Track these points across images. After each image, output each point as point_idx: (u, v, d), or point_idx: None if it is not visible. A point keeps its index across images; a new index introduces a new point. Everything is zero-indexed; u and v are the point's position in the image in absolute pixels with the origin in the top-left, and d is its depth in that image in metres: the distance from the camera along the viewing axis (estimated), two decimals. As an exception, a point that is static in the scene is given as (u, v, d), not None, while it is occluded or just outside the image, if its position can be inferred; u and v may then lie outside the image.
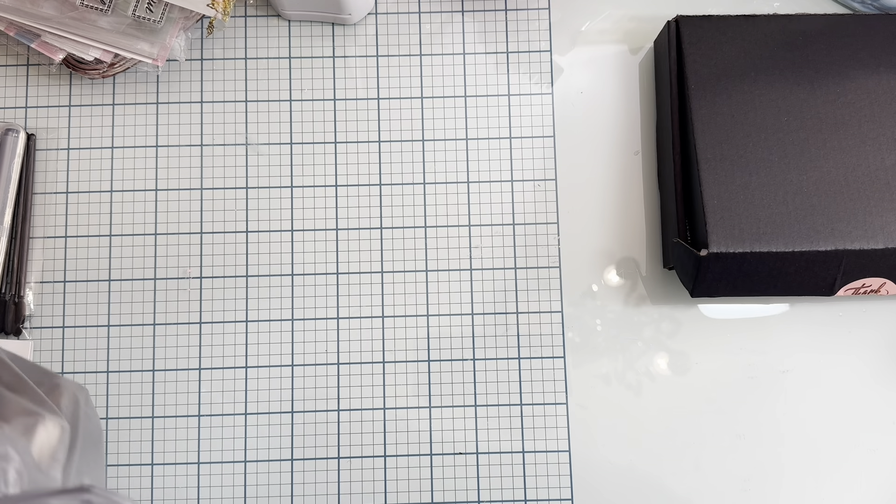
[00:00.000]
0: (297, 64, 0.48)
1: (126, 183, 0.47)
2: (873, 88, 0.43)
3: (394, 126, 0.47)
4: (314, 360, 0.45)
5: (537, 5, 0.49)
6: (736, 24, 0.44)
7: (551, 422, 0.45)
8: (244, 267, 0.46)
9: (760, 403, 0.45)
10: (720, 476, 0.44)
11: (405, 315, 0.46)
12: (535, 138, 0.47)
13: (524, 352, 0.46)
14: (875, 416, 0.45)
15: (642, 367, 0.45)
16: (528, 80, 0.48)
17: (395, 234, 0.46)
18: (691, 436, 0.45)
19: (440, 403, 0.45)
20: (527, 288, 0.46)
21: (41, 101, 0.47)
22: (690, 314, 0.46)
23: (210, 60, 0.48)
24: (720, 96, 0.43)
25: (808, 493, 0.44)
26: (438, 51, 0.48)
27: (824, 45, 0.44)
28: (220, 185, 0.47)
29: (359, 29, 0.48)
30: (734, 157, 0.42)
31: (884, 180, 0.41)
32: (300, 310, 0.46)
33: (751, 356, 0.45)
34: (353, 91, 0.48)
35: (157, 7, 0.44)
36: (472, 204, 0.47)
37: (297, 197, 0.47)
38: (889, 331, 0.46)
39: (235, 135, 0.47)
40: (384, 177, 0.47)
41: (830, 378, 0.45)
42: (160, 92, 0.47)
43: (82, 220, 0.46)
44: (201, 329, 0.45)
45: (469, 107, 0.48)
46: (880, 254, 0.40)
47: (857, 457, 0.44)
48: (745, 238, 0.40)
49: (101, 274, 0.46)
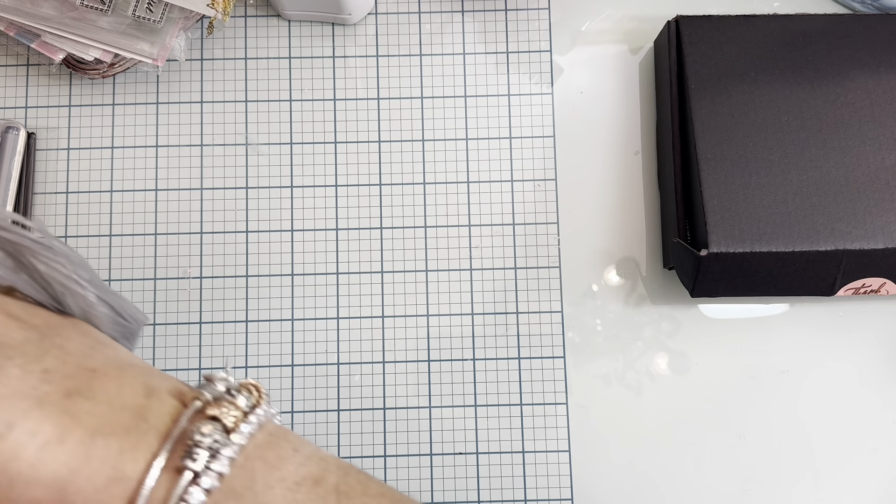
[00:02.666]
0: (297, 64, 0.48)
1: (126, 183, 0.47)
2: (873, 88, 0.43)
3: (394, 126, 0.47)
4: (314, 360, 0.45)
5: (537, 5, 0.49)
6: (736, 24, 0.44)
7: (551, 422, 0.45)
8: (244, 267, 0.46)
9: (760, 403, 0.45)
10: (720, 476, 0.44)
11: (405, 315, 0.46)
12: (535, 138, 0.47)
13: (524, 352, 0.46)
14: (875, 417, 0.45)
15: (642, 367, 0.45)
16: (528, 80, 0.48)
17: (395, 234, 0.46)
18: (691, 436, 0.45)
19: (440, 403, 0.45)
20: (527, 288, 0.46)
21: (41, 101, 0.47)
22: (690, 314, 0.46)
23: (210, 60, 0.48)
24: (720, 96, 0.43)
25: (808, 492, 0.44)
26: (438, 51, 0.48)
27: (824, 45, 0.44)
28: (220, 185, 0.47)
29: (359, 29, 0.48)
30: (734, 157, 0.42)
31: (884, 180, 0.41)
32: (300, 310, 0.46)
33: (751, 356, 0.45)
34: (353, 91, 0.48)
35: (157, 7, 0.44)
36: (472, 204, 0.47)
37: (297, 197, 0.47)
38: (889, 331, 0.46)
39: (235, 135, 0.47)
40: (384, 177, 0.47)
41: (830, 378, 0.45)
42: (160, 92, 0.48)
43: (82, 220, 0.46)
44: (201, 329, 0.45)
45: (469, 107, 0.48)
46: (880, 254, 0.40)
47: (857, 457, 0.44)
48: (745, 238, 0.40)
49: (101, 274, 0.46)
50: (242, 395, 0.25)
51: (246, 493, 0.23)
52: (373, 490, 0.25)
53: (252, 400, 0.25)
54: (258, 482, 0.23)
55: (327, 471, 0.25)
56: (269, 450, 0.24)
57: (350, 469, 0.25)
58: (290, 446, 0.25)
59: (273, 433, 0.25)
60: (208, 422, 0.23)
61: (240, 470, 0.23)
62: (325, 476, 0.24)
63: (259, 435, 0.24)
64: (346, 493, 0.24)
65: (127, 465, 0.22)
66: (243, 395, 0.25)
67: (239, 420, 0.24)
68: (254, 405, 0.25)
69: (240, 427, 0.24)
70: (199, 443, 0.23)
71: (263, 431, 0.25)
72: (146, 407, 0.23)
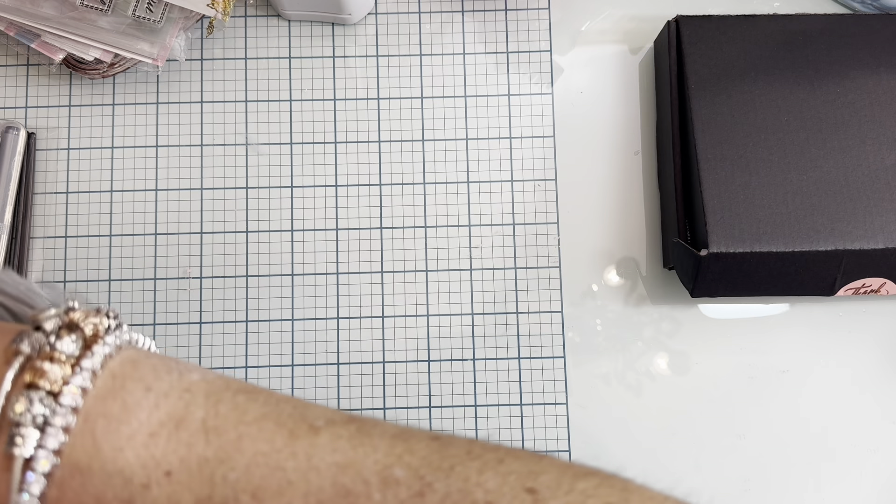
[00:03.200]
0: (297, 64, 0.48)
1: (126, 183, 0.47)
2: (873, 88, 0.43)
3: (394, 126, 0.47)
4: (314, 360, 0.45)
5: (537, 5, 0.49)
6: (736, 24, 0.44)
7: (551, 422, 0.45)
8: (244, 267, 0.46)
9: (760, 403, 0.45)
10: (720, 476, 0.44)
11: (405, 315, 0.46)
12: (535, 138, 0.47)
13: (524, 352, 0.46)
14: (875, 416, 0.45)
15: (642, 367, 0.45)
16: (528, 80, 0.48)
17: (395, 234, 0.46)
18: (691, 436, 0.45)
19: (440, 403, 0.45)
20: (527, 288, 0.46)
21: (41, 101, 0.47)
22: (690, 314, 0.46)
23: (210, 60, 0.48)
24: (720, 96, 0.43)
25: (808, 492, 0.44)
26: (438, 51, 0.48)
27: (824, 45, 0.44)
28: (220, 185, 0.47)
29: (359, 29, 0.48)
30: (734, 157, 0.42)
31: (884, 180, 0.41)
32: (300, 310, 0.46)
33: (751, 356, 0.45)
34: (353, 91, 0.48)
35: (157, 7, 0.44)
36: (472, 204, 0.47)
37: (297, 197, 0.47)
38: (889, 331, 0.46)
39: (235, 135, 0.47)
40: (384, 177, 0.47)
41: (830, 378, 0.45)
42: (160, 92, 0.48)
43: (82, 220, 0.46)
44: (201, 329, 0.45)
45: (469, 107, 0.48)
46: (880, 254, 0.40)
47: (857, 457, 0.44)
48: (745, 238, 0.40)
49: (101, 274, 0.46)
50: (67, 338, 0.20)
51: (93, 464, 0.19)
52: (252, 414, 0.20)
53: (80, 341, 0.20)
54: (104, 447, 0.19)
55: (192, 404, 0.20)
56: (112, 400, 0.20)
57: (224, 392, 0.21)
58: (140, 385, 0.20)
59: (118, 374, 0.20)
60: (25, 392, 0.19)
61: (79, 437, 0.19)
62: (188, 413, 0.20)
63: (99, 383, 0.20)
64: (216, 428, 0.20)
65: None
66: (69, 338, 0.20)
67: (66, 377, 0.19)
68: (87, 345, 0.20)
69: (69, 383, 0.19)
70: (19, 421, 0.19)
71: (106, 375, 0.20)
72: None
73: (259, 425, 0.20)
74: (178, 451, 0.19)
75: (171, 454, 0.19)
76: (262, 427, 0.20)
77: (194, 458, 0.19)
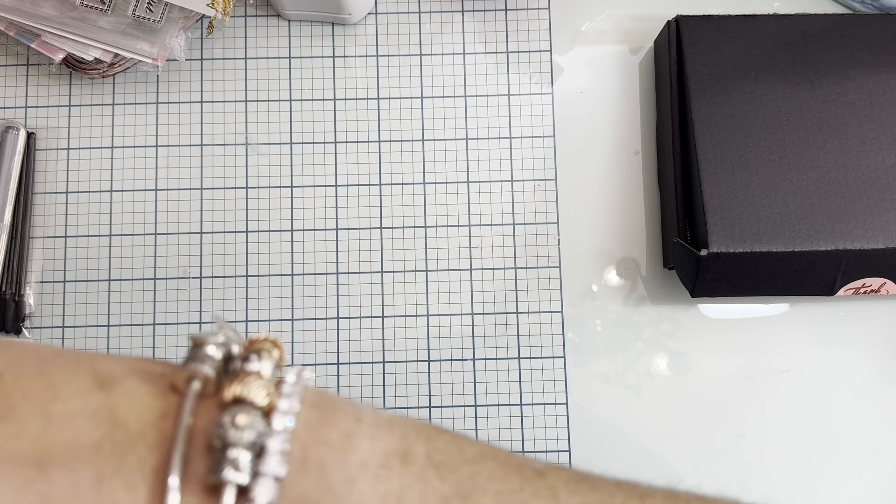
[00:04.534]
0: (297, 64, 0.48)
1: (126, 183, 0.47)
2: (873, 88, 0.43)
3: (394, 126, 0.47)
4: (314, 360, 0.45)
5: (537, 5, 0.49)
6: (736, 24, 0.44)
7: (551, 422, 0.45)
8: (244, 267, 0.46)
9: (760, 403, 0.45)
10: (720, 476, 0.44)
11: (405, 315, 0.46)
12: (534, 138, 0.47)
13: (524, 352, 0.46)
14: (875, 416, 0.45)
15: (642, 367, 0.45)
16: (528, 80, 0.48)
17: (395, 234, 0.46)
18: (691, 436, 0.45)
19: (440, 403, 0.45)
20: (527, 288, 0.46)
21: (41, 101, 0.47)
22: (690, 314, 0.46)
23: (210, 60, 0.48)
24: (720, 96, 0.43)
25: (808, 492, 0.44)
26: (438, 51, 0.48)
27: (824, 45, 0.44)
28: (220, 185, 0.47)
29: (359, 29, 0.48)
30: (734, 157, 0.42)
31: (884, 180, 0.41)
32: (300, 310, 0.46)
33: (751, 356, 0.45)
34: (353, 91, 0.48)
35: (157, 7, 0.44)
36: (472, 204, 0.47)
37: (297, 197, 0.47)
38: (889, 331, 0.46)
39: (235, 135, 0.47)
40: (384, 177, 0.47)
41: (831, 378, 0.45)
42: (160, 92, 0.48)
43: (82, 220, 0.46)
44: (201, 329, 0.45)
45: (469, 107, 0.48)
46: (880, 254, 0.40)
47: (857, 456, 0.44)
48: (745, 238, 0.40)
49: (101, 274, 0.46)
50: (263, 359, 0.18)
51: (324, 497, 0.16)
52: (469, 452, 0.18)
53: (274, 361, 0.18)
54: (334, 477, 0.17)
55: (406, 439, 0.18)
56: (328, 428, 0.17)
57: (425, 427, 0.19)
58: (348, 416, 0.18)
59: (317, 404, 0.18)
60: (235, 408, 0.16)
61: (300, 467, 0.17)
62: (409, 447, 0.18)
63: (305, 411, 0.17)
64: (444, 463, 0.18)
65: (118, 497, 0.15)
66: (264, 359, 0.18)
67: (272, 395, 0.17)
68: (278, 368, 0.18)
69: (278, 405, 0.17)
70: (233, 441, 0.16)
71: (305, 405, 0.18)
72: (108, 405, 0.17)
73: (483, 464, 0.18)
74: (414, 485, 0.17)
75: (408, 488, 0.17)
76: (488, 466, 0.18)
77: (433, 494, 0.17)
